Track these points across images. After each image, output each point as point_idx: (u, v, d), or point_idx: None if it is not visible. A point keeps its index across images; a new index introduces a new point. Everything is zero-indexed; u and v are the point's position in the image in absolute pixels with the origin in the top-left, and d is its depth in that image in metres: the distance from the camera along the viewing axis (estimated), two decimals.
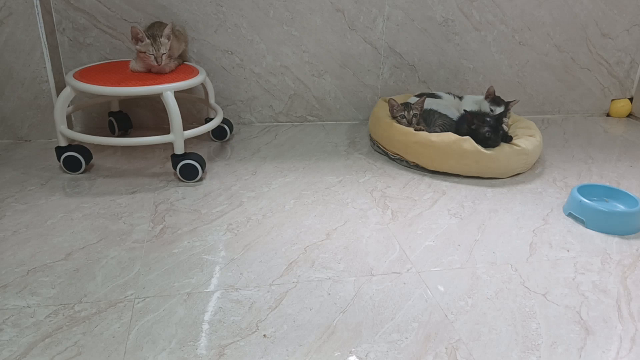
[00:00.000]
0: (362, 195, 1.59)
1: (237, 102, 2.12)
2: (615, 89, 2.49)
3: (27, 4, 1.71)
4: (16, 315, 1.03)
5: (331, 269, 1.22)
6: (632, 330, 1.07)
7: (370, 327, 1.04)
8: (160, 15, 1.91)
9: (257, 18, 1.99)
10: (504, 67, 2.31)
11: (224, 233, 1.35)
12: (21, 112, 1.84)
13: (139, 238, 1.31)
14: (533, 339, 1.03)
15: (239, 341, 0.99)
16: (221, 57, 2.02)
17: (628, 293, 1.18)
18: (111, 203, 1.48)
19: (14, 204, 1.46)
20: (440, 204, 1.56)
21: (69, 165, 1.64)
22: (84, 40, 1.90)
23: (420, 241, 1.36)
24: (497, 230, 1.43)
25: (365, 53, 2.14)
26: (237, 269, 1.21)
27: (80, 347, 0.96)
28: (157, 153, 1.83)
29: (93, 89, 1.52)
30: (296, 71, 2.11)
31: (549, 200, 1.61)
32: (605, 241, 1.40)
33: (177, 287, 1.14)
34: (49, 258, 1.22)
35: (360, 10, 2.06)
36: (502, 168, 1.71)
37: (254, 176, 1.69)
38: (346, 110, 2.24)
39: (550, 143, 2.10)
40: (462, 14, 2.16)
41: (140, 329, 1.01)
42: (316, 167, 1.78)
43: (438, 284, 1.18)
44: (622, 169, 1.88)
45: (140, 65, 1.65)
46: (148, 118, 2.06)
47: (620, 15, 2.33)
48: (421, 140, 1.71)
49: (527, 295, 1.16)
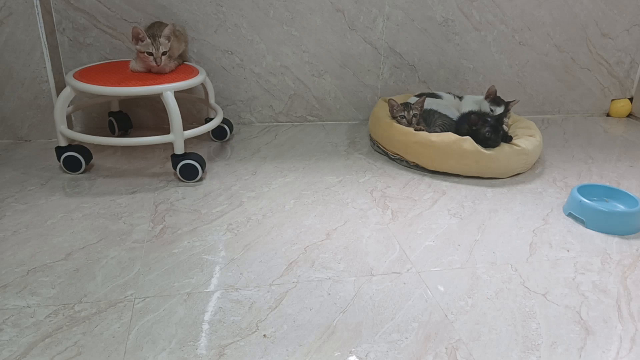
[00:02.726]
0: (362, 195, 1.59)
1: (237, 102, 2.12)
2: (615, 89, 2.49)
3: (27, 4, 1.71)
4: (16, 315, 1.03)
5: (331, 269, 1.22)
6: (632, 330, 1.07)
7: (370, 327, 1.04)
8: (160, 15, 1.91)
9: (257, 18, 1.99)
10: (504, 67, 2.31)
11: (224, 233, 1.35)
12: (21, 112, 1.84)
13: (139, 238, 1.31)
14: (533, 339, 1.03)
15: (239, 341, 0.99)
16: (221, 57, 2.02)
17: (628, 293, 1.18)
18: (111, 203, 1.48)
19: (14, 204, 1.46)
20: (440, 204, 1.56)
21: (69, 165, 1.64)
22: (84, 40, 1.90)
23: (420, 241, 1.36)
24: (497, 230, 1.43)
25: (365, 53, 2.14)
26: (237, 269, 1.21)
27: (80, 347, 0.96)
28: (157, 153, 1.83)
29: (93, 89, 1.52)
30: (296, 71, 2.11)
31: (549, 200, 1.61)
32: (605, 241, 1.40)
33: (177, 287, 1.14)
34: (49, 258, 1.22)
35: (360, 10, 2.06)
36: (502, 168, 1.71)
37: (254, 176, 1.69)
38: (346, 110, 2.24)
39: (550, 143, 2.10)
40: (462, 14, 2.16)
41: (140, 329, 1.01)
42: (316, 167, 1.78)
43: (438, 284, 1.18)
44: (622, 169, 1.88)
45: (140, 65, 1.65)
46: (148, 118, 2.06)
47: (620, 15, 2.33)
48: (421, 140, 1.71)
49: (527, 295, 1.16)
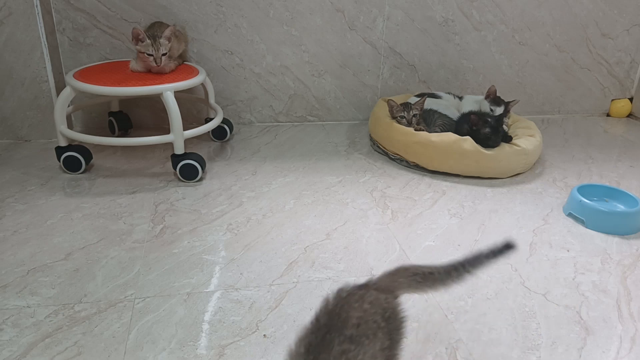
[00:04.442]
0: (362, 195, 1.59)
1: (237, 102, 2.12)
2: (615, 89, 2.49)
3: (27, 4, 1.71)
4: (16, 315, 1.03)
5: (331, 269, 1.22)
6: (632, 330, 1.07)
7: None
8: (160, 15, 1.91)
9: (257, 18, 1.99)
10: (504, 67, 2.31)
11: (224, 233, 1.35)
12: (21, 112, 1.84)
13: (139, 238, 1.31)
14: (533, 339, 1.03)
15: (239, 341, 0.99)
16: (221, 57, 2.02)
17: (628, 293, 1.18)
18: (111, 203, 1.48)
19: (14, 204, 1.46)
20: (440, 204, 1.56)
21: (69, 165, 1.64)
22: (84, 40, 1.90)
23: (420, 241, 1.36)
24: (497, 230, 1.43)
25: (365, 53, 2.14)
26: (237, 269, 1.21)
27: (80, 347, 0.96)
28: (157, 153, 1.83)
29: (93, 89, 1.52)
30: (296, 71, 2.11)
31: (549, 200, 1.61)
32: (605, 241, 1.40)
33: (177, 287, 1.14)
34: (49, 258, 1.22)
35: (360, 10, 2.06)
36: (502, 168, 1.71)
37: (254, 176, 1.69)
38: (346, 110, 2.24)
39: (550, 143, 2.10)
40: (462, 14, 2.16)
41: (140, 329, 1.01)
42: (316, 167, 1.78)
43: None
44: (622, 169, 1.88)
45: (140, 66, 1.65)
46: (148, 118, 2.06)
47: (620, 15, 2.33)
48: (421, 140, 1.71)
49: (527, 295, 1.16)
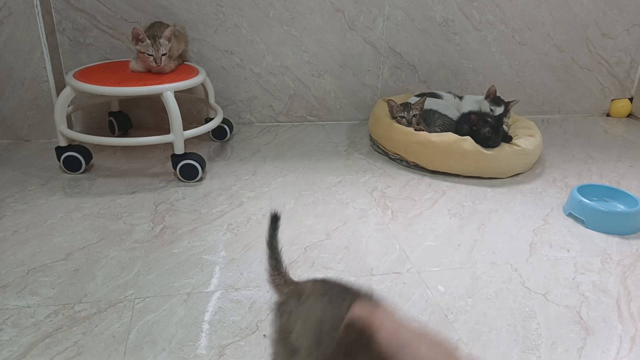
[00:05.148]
0: (362, 195, 1.59)
1: (237, 102, 2.12)
2: (615, 89, 2.49)
3: (27, 4, 1.71)
4: (16, 315, 1.03)
5: (331, 269, 1.22)
6: (632, 330, 1.07)
7: None
8: (160, 15, 1.91)
9: (257, 18, 1.99)
10: (504, 67, 2.31)
11: (224, 233, 1.35)
12: (21, 112, 1.84)
13: (139, 238, 1.31)
14: (533, 339, 1.03)
15: (239, 341, 0.99)
16: (221, 57, 2.02)
17: (628, 293, 1.18)
18: (111, 203, 1.48)
19: (14, 204, 1.46)
20: (440, 204, 1.56)
21: (69, 165, 1.64)
22: (84, 40, 1.90)
23: (420, 241, 1.36)
24: (497, 230, 1.43)
25: (365, 53, 2.14)
26: (237, 269, 1.21)
27: (80, 347, 0.96)
28: (157, 153, 1.83)
29: (93, 89, 1.52)
30: (296, 71, 2.11)
31: (549, 200, 1.61)
32: (605, 241, 1.40)
33: (177, 287, 1.14)
34: (49, 258, 1.22)
35: (360, 10, 2.06)
36: (502, 168, 1.71)
37: (254, 176, 1.69)
38: (346, 110, 2.24)
39: (550, 143, 2.10)
40: (462, 14, 2.16)
41: (140, 329, 1.01)
42: (316, 167, 1.78)
43: (438, 284, 1.18)
44: (622, 169, 1.88)
45: (140, 66, 1.65)
46: (148, 118, 2.06)
47: (620, 15, 2.33)
48: (421, 140, 1.70)
49: (527, 295, 1.16)
